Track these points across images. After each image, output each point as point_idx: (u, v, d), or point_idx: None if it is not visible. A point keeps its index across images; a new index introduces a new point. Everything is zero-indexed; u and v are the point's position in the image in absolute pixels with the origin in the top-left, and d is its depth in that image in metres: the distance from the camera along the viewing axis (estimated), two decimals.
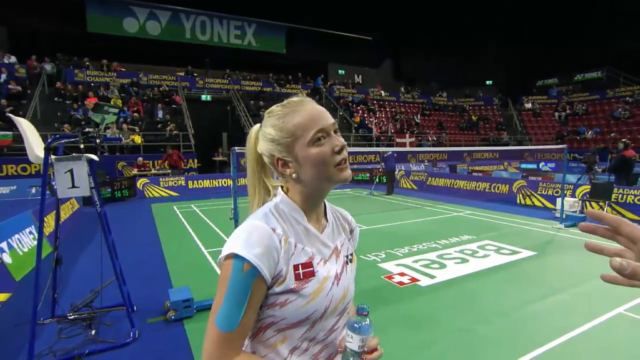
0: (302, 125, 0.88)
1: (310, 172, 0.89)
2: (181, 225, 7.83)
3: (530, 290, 4.27)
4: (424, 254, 5.64)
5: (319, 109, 0.90)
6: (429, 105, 27.42)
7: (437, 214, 9.07)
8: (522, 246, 5.99)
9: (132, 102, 16.03)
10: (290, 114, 0.89)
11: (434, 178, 13.64)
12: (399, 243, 6.23)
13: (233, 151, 4.13)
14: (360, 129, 21.23)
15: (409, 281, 4.55)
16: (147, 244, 6.43)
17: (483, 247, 6.00)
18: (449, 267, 5.03)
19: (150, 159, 13.75)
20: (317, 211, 0.95)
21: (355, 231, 1.08)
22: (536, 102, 26.89)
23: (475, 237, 6.59)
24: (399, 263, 5.22)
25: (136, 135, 14.22)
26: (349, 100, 23.85)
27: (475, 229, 7.25)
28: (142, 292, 4.19)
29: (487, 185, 11.58)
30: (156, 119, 15.95)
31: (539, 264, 5.17)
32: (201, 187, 13.38)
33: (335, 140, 0.89)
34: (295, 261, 0.87)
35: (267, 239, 0.83)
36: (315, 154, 0.87)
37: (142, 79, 18.87)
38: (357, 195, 12.65)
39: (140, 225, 7.92)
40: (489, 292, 4.23)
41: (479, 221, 8.11)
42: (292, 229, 0.90)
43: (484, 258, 5.42)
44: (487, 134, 25.28)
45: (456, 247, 6.00)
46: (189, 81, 20.10)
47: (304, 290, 0.86)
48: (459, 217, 8.68)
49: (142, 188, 12.30)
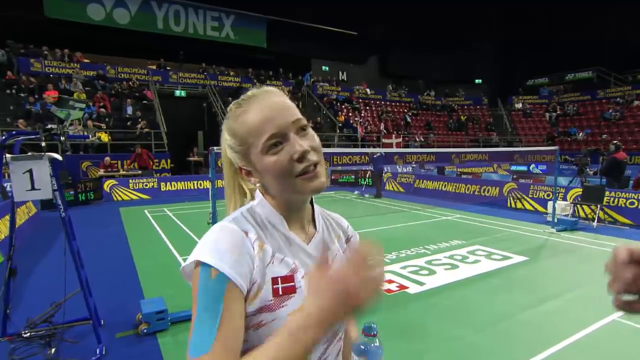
0: (253, 129, 0.79)
1: (272, 183, 0.82)
2: (153, 231, 7.70)
3: (523, 296, 4.33)
4: (413, 259, 5.67)
5: (274, 105, 0.80)
6: (417, 105, 27.80)
7: (425, 217, 9.13)
8: (514, 251, 6.09)
9: (98, 97, 15.65)
10: (243, 114, 0.81)
11: (422, 180, 13.77)
12: (386, 249, 6.24)
13: (211, 151, 4.08)
14: (344, 128, 21.32)
15: (397, 289, 4.57)
16: (116, 251, 6.28)
17: (473, 252, 6.06)
18: (438, 274, 5.07)
19: (119, 158, 13.45)
20: (300, 218, 0.88)
21: (353, 240, 1.00)
22: (526, 102, 27.62)
23: (465, 242, 6.66)
24: (386, 269, 5.26)
25: (103, 133, 13.91)
26: (333, 99, 23.93)
27: (465, 234, 7.32)
28: (110, 304, 4.08)
29: (476, 188, 11.73)
30: (125, 115, 15.63)
31: (531, 270, 5.26)
32: (175, 189, 13.21)
33: (295, 144, 0.78)
34: (273, 273, 0.78)
35: (238, 243, 0.76)
36: (271, 165, 0.78)
37: (109, 72, 18.44)
38: (341, 198, 12.67)
39: (108, 231, 7.74)
40: (480, 299, 4.28)
41: (468, 225, 8.19)
42: (270, 235, 0.82)
43: (474, 264, 5.48)
44: (476, 134, 25.79)
45: (445, 252, 6.05)
46: (161, 75, 19.77)
47: (282, 310, 0.77)
48: (448, 221, 8.74)
49: (109, 190, 12.06)
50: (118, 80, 18.18)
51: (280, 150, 0.78)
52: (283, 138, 0.79)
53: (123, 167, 13.45)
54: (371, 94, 26.81)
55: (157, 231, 7.71)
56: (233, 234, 0.76)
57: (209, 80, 20.54)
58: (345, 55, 27.56)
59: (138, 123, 15.09)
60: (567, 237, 7.17)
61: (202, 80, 20.68)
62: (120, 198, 12.20)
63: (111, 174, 12.80)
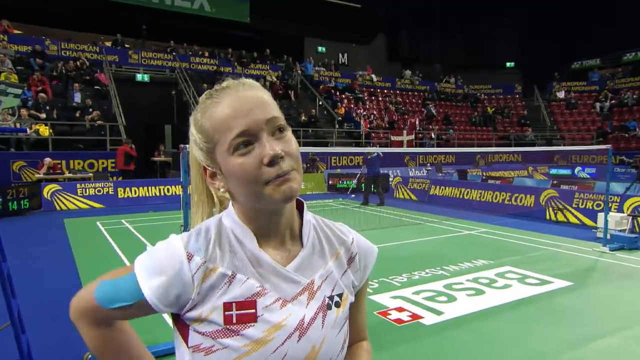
0: (221, 124, 0.83)
1: (236, 188, 0.85)
2: (107, 247, 7.60)
3: (567, 331, 4.28)
4: (428, 283, 5.68)
5: (248, 98, 0.84)
6: (433, 94, 27.93)
7: (443, 232, 9.13)
8: (554, 274, 6.07)
9: (34, 80, 15.51)
10: (211, 107, 0.86)
11: (439, 186, 13.80)
12: (396, 269, 6.26)
13: (183, 149, 4.03)
14: (345, 123, 21.37)
15: (409, 318, 4.57)
16: (59, 274, 6.19)
17: (503, 275, 6.06)
18: (459, 301, 5.07)
19: (63, 157, 13.34)
20: (279, 232, 0.89)
21: (357, 259, 0.99)
22: (571, 90, 27.60)
23: (492, 263, 6.67)
24: (396, 295, 5.24)
25: (42, 126, 13.78)
26: (331, 87, 24.03)
27: (492, 252, 7.32)
28: (49, 340, 3.99)
29: (506, 195, 11.76)
30: (71, 103, 15.55)
31: (577, 298, 5.23)
32: (135, 196, 13.13)
33: (266, 146, 0.81)
34: (228, 297, 0.83)
35: (173, 270, 0.82)
36: (236, 167, 0.82)
37: (50, 48, 18.35)
38: (340, 207, 12.62)
39: (48, 249, 7.63)
40: (512, 333, 4.25)
41: (497, 242, 8.20)
42: (233, 254, 0.86)
43: (504, 289, 5.48)
44: (506, 130, 25.91)
45: (468, 274, 6.06)
46: (118, 54, 19.74)
47: (234, 340, 0.81)
48: (471, 236, 8.76)
49: (50, 197, 11.96)
50: (62, 59, 18.08)
51: (249, 151, 0.82)
52: (254, 137, 0.82)
53: (70, 168, 13.35)
54: (377, 81, 26.97)
55: (112, 248, 7.60)
56: (171, 258, 0.82)
57: (179, 62, 20.54)
58: (346, 34, 27.71)
59: (88, 114, 14.98)
60: (624, 257, 7.12)
61: (170, 62, 20.66)
62: (65, 207, 12.08)
63: (53, 177, 12.63)
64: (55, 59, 17.81)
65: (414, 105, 26.55)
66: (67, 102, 15.60)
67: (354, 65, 27.97)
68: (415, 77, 28.72)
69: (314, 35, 27.20)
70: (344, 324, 0.93)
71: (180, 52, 21.52)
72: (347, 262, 0.97)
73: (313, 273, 0.91)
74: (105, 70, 18.08)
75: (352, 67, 27.77)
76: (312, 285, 0.90)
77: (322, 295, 0.90)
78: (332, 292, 0.92)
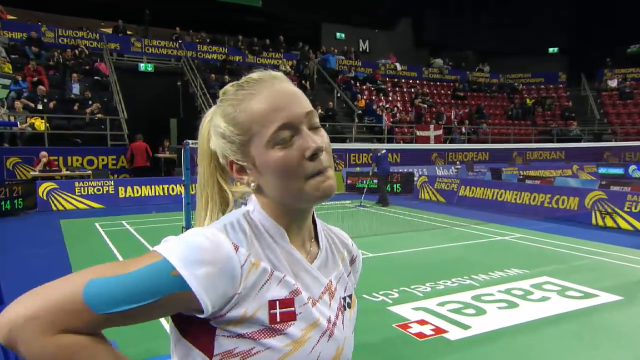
0: (259, 117, 0.88)
1: (273, 184, 0.90)
2: (107, 251, 7.65)
3: (615, 352, 4.19)
4: (454, 293, 5.66)
5: (287, 91, 0.91)
6: (464, 84, 27.67)
7: (473, 237, 9.11)
8: (601, 287, 5.93)
9: (30, 69, 15.74)
10: (246, 99, 0.90)
11: (469, 187, 13.75)
12: (419, 278, 6.26)
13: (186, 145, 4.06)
14: (365, 116, 21.28)
15: (432, 332, 4.54)
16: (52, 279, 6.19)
17: (540, 286, 5.99)
18: (489, 314, 5.03)
19: (60, 154, 13.52)
20: (302, 233, 0.97)
21: (357, 261, 1.12)
22: (626, 78, 26.86)
23: (528, 272, 6.60)
24: (418, 306, 5.23)
25: (37, 119, 13.96)
26: (351, 77, 23.96)
27: (528, 260, 7.24)
28: None
29: (546, 197, 11.62)
30: (69, 95, 15.74)
31: (628, 314, 5.11)
32: (138, 195, 13.22)
33: (307, 139, 0.88)
34: (271, 295, 0.87)
35: (221, 259, 0.82)
36: (276, 161, 0.87)
37: (47, 35, 18.61)
38: (356, 209, 12.65)
39: (43, 252, 7.69)
40: (550, 351, 4.17)
41: (534, 249, 8.12)
42: (269, 249, 0.91)
43: (541, 302, 5.41)
44: (547, 124, 25.53)
45: (500, 285, 6.02)
46: (120, 42, 19.95)
47: (277, 340, 0.85)
48: (504, 242, 8.70)
49: (46, 196, 12.11)
50: (59, 47, 18.31)
51: (290, 144, 0.87)
52: (295, 130, 0.88)
53: (67, 164, 13.53)
54: (402, 70, 26.80)
55: (112, 252, 7.66)
56: (218, 247, 0.82)
57: (185, 51, 20.67)
58: (367, 19, 27.61)
59: (88, 106, 15.15)
60: None
61: (175, 51, 20.83)
62: (62, 207, 12.22)
63: (49, 175, 12.79)
64: (52, 47, 18.08)
65: (443, 97, 26.31)
66: (65, 94, 15.83)
67: (376, 53, 27.87)
68: (444, 65, 28.42)
69: (332, 21, 27.19)
70: (354, 326, 1.03)
71: (186, 40, 21.69)
72: (350, 264, 1.09)
73: (330, 273, 0.99)
74: (106, 60, 18.29)
75: (373, 55, 27.67)
76: (331, 285, 0.98)
77: (338, 296, 0.99)
78: (345, 293, 1.02)
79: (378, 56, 27.26)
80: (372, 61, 26.54)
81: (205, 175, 0.99)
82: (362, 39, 28.40)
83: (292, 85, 0.93)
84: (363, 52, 28.02)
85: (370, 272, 6.33)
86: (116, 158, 14.41)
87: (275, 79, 0.92)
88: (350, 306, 1.02)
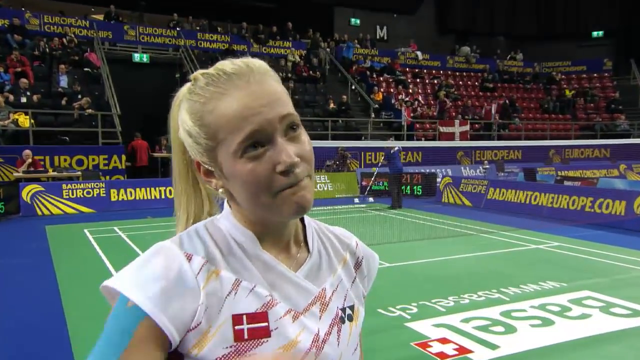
0: (227, 123, 0.85)
1: (242, 195, 0.88)
2: (97, 262, 7.64)
3: None
4: (481, 309, 5.61)
5: (262, 92, 0.86)
6: (494, 74, 27.50)
7: (503, 245, 9.06)
8: None
9: (12, 60, 15.88)
10: (214, 98, 0.86)
11: (499, 189, 13.65)
12: (441, 291, 6.23)
13: None
14: (382, 111, 21.26)
15: (455, 352, 4.50)
16: (36, 294, 6.21)
17: (580, 301, 5.89)
18: (521, 333, 4.96)
19: (46, 153, 13.58)
20: (283, 237, 0.95)
21: (365, 264, 1.08)
22: None
23: (566, 286, 6.50)
24: (440, 322, 5.20)
25: (21, 115, 14.04)
26: (367, 67, 23.93)
27: (566, 272, 7.15)
28: None
29: (588, 201, 11.50)
30: (57, 88, 15.83)
31: None
32: (131, 198, 13.25)
33: (280, 152, 0.84)
34: (235, 309, 0.85)
35: (171, 271, 0.82)
36: (244, 174, 0.84)
37: (31, 22, 18.75)
38: (370, 213, 12.61)
39: (26, 263, 7.69)
40: None
41: (573, 259, 8.04)
42: (234, 257, 0.89)
43: (581, 320, 5.33)
44: (590, 118, 25.30)
45: (534, 300, 5.95)
46: (112, 30, 20.08)
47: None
48: (539, 251, 8.62)
49: (30, 200, 12.19)
50: (45, 35, 18.44)
51: (260, 155, 0.84)
52: (267, 140, 0.84)
53: (53, 165, 13.62)
54: (424, 59, 26.76)
55: (103, 262, 7.64)
56: (167, 259, 0.83)
57: (184, 40, 20.74)
58: (385, 3, 27.57)
59: (77, 101, 15.23)
60: None
61: (173, 40, 20.96)
62: (48, 211, 12.28)
63: (34, 176, 12.86)
64: (37, 36, 18.23)
65: (470, 88, 26.18)
66: (52, 87, 15.98)
67: (395, 40, 27.83)
68: (471, 53, 28.24)
69: (347, 5, 27.17)
70: (358, 341, 1.00)
71: (185, 27, 21.84)
72: (355, 268, 1.05)
73: (323, 281, 0.96)
74: (97, 49, 18.42)
75: (392, 43, 27.64)
76: (323, 295, 0.95)
77: (334, 306, 0.95)
78: (344, 304, 0.98)
79: (397, 44, 27.23)
80: (390, 49, 26.53)
81: (178, 168, 0.98)
82: (380, 24, 28.35)
83: (272, 82, 0.89)
84: (380, 39, 27.98)
85: (386, 284, 6.32)
86: (108, 158, 14.48)
87: (252, 74, 0.87)
88: (352, 319, 0.98)
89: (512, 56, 29.42)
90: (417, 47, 26.94)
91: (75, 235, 9.77)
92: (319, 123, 19.26)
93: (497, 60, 28.75)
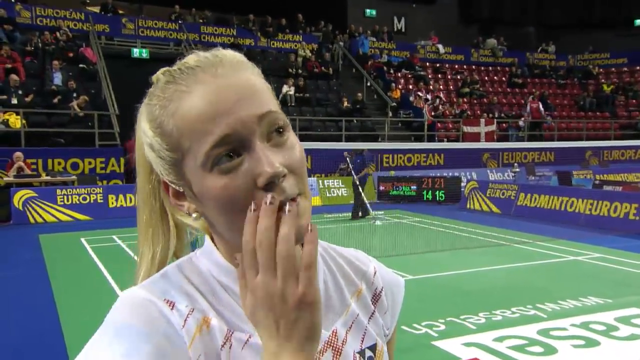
0: (190, 127, 0.75)
1: (217, 218, 0.79)
2: (95, 273, 7.68)
3: None
4: (515, 327, 5.60)
5: (228, 86, 0.76)
6: (524, 69, 27.40)
7: (537, 257, 8.99)
8: None
9: (2, 56, 16.01)
10: (175, 98, 0.76)
11: (530, 194, 13.62)
12: (471, 306, 6.23)
13: None
14: (401, 110, 21.22)
15: None
16: (30, 307, 6.24)
17: (627, 320, 5.84)
18: (562, 354, 4.91)
19: (39, 156, 13.66)
20: None
21: (389, 293, 1.01)
22: None
23: (611, 302, 6.44)
24: (471, 341, 5.19)
25: (12, 115, 14.13)
26: (383, 62, 23.94)
27: (611, 287, 7.09)
28: None
29: (632, 208, 11.45)
30: (50, 86, 15.90)
31: None
32: (131, 205, 13.27)
33: (260, 160, 0.73)
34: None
35: (152, 329, 0.73)
36: (216, 192, 0.74)
37: (22, 15, 18.89)
38: (393, 221, 12.60)
39: (18, 274, 7.73)
40: None
41: (617, 272, 7.99)
42: (220, 303, 0.82)
43: (629, 341, 5.28)
44: (633, 116, 25.13)
45: (575, 317, 5.91)
46: (109, 23, 20.21)
47: None
48: (578, 263, 8.57)
49: (22, 207, 12.26)
50: (37, 28, 18.55)
51: (236, 166, 0.74)
52: (241, 146, 0.74)
53: (47, 169, 13.67)
54: (445, 52, 26.72)
55: (101, 273, 7.68)
56: (146, 316, 0.75)
57: (186, 33, 20.86)
58: None
59: (72, 100, 15.30)
60: None
61: (174, 34, 21.07)
62: (42, 219, 12.35)
63: (26, 181, 12.93)
64: (29, 29, 18.38)
65: (496, 84, 26.11)
66: (45, 85, 16.07)
67: (414, 33, 27.85)
68: (498, 46, 28.11)
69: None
70: None
71: (187, 20, 21.96)
72: (373, 301, 0.97)
73: (333, 321, 0.89)
74: (93, 44, 18.54)
75: (411, 36, 27.68)
76: (335, 338, 0.88)
77: (350, 350, 0.88)
78: (362, 345, 0.91)
79: (416, 36, 27.25)
80: (409, 43, 26.57)
81: (142, 192, 0.87)
82: (397, 15, 28.40)
83: (247, 74, 0.79)
84: (398, 31, 28.02)
85: (410, 299, 6.19)
86: (105, 161, 14.54)
87: (220, 66, 0.77)
88: (376, 357, 0.92)
89: (544, 48, 29.23)
90: (438, 39, 26.89)
91: (71, 244, 9.84)
92: (332, 123, 19.30)
93: (527, 53, 28.57)
